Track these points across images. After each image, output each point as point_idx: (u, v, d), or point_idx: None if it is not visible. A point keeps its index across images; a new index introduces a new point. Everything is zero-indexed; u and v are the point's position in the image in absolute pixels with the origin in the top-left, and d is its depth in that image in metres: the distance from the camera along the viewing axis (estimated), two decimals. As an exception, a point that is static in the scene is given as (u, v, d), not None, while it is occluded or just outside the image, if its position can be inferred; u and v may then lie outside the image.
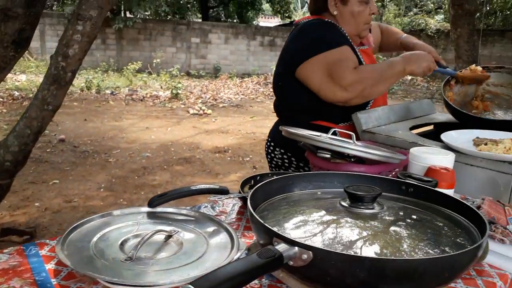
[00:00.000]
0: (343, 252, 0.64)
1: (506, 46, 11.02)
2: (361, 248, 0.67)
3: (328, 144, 1.13)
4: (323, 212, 0.81)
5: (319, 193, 0.95)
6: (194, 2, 17.53)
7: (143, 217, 0.96)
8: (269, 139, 1.73)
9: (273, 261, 0.60)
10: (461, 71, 1.62)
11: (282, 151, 1.66)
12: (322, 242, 0.69)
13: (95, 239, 0.83)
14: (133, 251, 0.78)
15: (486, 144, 1.21)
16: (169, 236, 0.87)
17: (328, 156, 1.16)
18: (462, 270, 0.67)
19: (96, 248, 0.81)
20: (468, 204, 0.82)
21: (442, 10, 14.06)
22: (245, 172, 4.29)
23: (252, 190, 0.85)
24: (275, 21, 21.98)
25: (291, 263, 0.65)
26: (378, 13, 1.68)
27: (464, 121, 1.50)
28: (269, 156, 1.74)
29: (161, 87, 9.50)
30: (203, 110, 7.32)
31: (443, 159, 1.10)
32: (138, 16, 12.18)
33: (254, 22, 18.38)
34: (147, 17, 13.58)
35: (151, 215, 0.97)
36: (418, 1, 14.95)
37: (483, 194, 1.15)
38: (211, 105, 8.27)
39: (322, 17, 1.59)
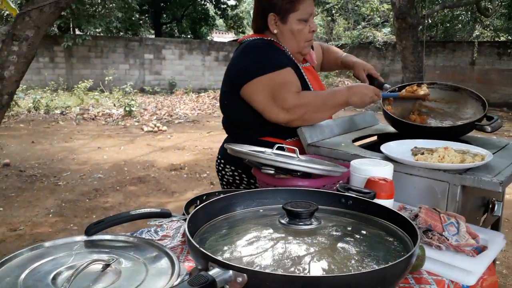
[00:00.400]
0: (277, 273, 0.63)
1: (448, 56, 11.70)
2: (296, 266, 0.67)
3: (270, 160, 1.13)
4: (262, 232, 0.81)
5: (261, 210, 0.94)
6: (147, 19, 17.38)
7: (79, 246, 0.92)
8: (219, 157, 1.71)
9: (205, 287, 0.59)
10: (402, 93, 1.69)
11: (233, 168, 1.65)
12: (258, 263, 0.69)
13: (23, 275, 0.78)
14: (66, 284, 0.74)
15: (422, 153, 1.26)
16: (106, 265, 0.84)
17: (272, 172, 1.17)
18: (395, 281, 0.68)
19: (25, 284, 0.76)
20: (402, 215, 0.85)
21: (388, 23, 14.74)
22: (203, 189, 4.24)
23: (191, 213, 0.84)
24: (229, 36, 22.16)
25: (227, 287, 0.64)
26: (316, 29, 1.72)
27: (403, 130, 1.56)
28: (220, 174, 1.73)
29: (114, 105, 9.27)
30: (158, 127, 7.20)
31: (382, 170, 1.13)
32: (88, 33, 11.86)
33: (208, 38, 18.45)
34: (98, 34, 13.27)
35: (88, 244, 0.93)
36: (366, 15, 15.60)
37: (423, 202, 1.19)
38: (166, 121, 8.15)
39: (265, 36, 1.61)
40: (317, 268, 0.67)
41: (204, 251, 0.66)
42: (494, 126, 1.41)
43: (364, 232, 0.83)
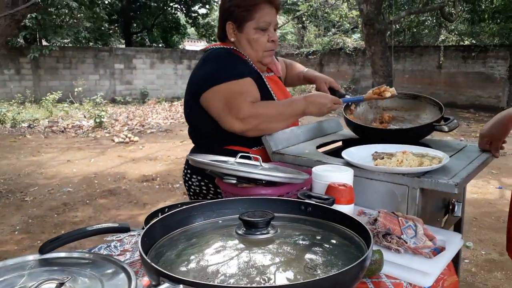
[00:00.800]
0: (225, 285, 0.63)
1: (416, 61, 12.03)
2: (248, 277, 0.67)
3: (231, 169, 1.13)
4: (219, 244, 0.80)
5: (220, 221, 0.94)
6: (117, 28, 17.17)
7: (32, 266, 0.88)
8: (186, 167, 1.70)
9: (154, 303, 0.57)
10: (367, 95, 1.70)
11: (199, 178, 1.64)
12: (211, 276, 0.68)
13: (-32, 299, 0.75)
14: (15, 307, 0.72)
15: (382, 158, 1.28)
16: (60, 284, 0.81)
17: (234, 181, 1.16)
18: (348, 287, 0.68)
19: (-29, 309, 0.72)
20: (358, 220, 0.86)
21: (358, 30, 15.05)
22: (175, 199, 4.18)
23: (146, 227, 0.82)
24: (201, 45, 22.12)
25: (179, 302, 0.63)
26: (277, 40, 1.71)
27: (364, 135, 1.59)
28: (186, 184, 1.71)
29: (85, 116, 9.08)
30: (129, 138, 7.08)
31: (342, 176, 1.15)
32: (55, 44, 11.59)
33: (180, 46, 18.38)
34: (66, 45, 13.00)
35: (42, 263, 0.89)
36: (336, 22, 15.89)
37: (384, 206, 1.21)
38: (138, 131, 8.04)
39: (227, 44, 1.61)
40: (268, 278, 0.66)
41: (155, 265, 0.65)
42: (451, 126, 1.45)
43: (320, 238, 0.84)
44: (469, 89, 10.62)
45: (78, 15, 11.88)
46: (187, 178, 1.69)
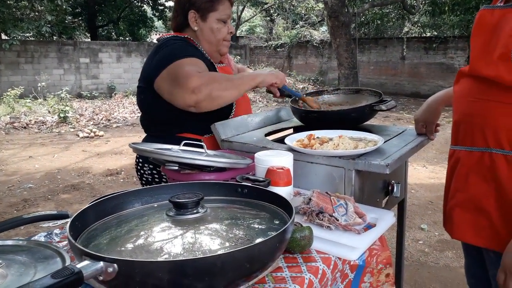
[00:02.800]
0: (144, 260, 0.66)
1: (380, 52, 12.30)
2: (171, 253, 0.70)
3: (173, 156, 1.16)
4: (149, 225, 0.83)
5: (155, 205, 0.97)
6: (81, 22, 16.71)
7: (-36, 254, 0.89)
8: (138, 156, 1.71)
9: (70, 279, 0.60)
10: (305, 95, 1.77)
11: (151, 166, 1.65)
12: (134, 253, 0.71)
13: None
14: None
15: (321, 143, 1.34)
16: (-8, 271, 0.82)
17: (176, 168, 1.19)
18: (264, 261, 0.73)
19: None
20: (285, 199, 0.90)
21: (325, 22, 15.21)
22: (140, 192, 4.16)
23: (78, 212, 0.84)
24: (170, 38, 21.78)
25: (101, 278, 0.65)
26: (234, 31, 1.79)
27: (308, 122, 1.65)
28: (139, 173, 1.73)
29: (49, 112, 8.83)
30: (94, 132, 6.96)
31: (281, 160, 1.19)
32: (16, 38, 11.16)
33: (147, 39, 18.07)
34: (27, 39, 12.56)
35: (-25, 251, 0.90)
36: (303, 15, 16.01)
37: (324, 187, 1.27)
38: (104, 126, 7.90)
39: (183, 34, 1.64)
40: (189, 252, 0.70)
41: (77, 244, 0.68)
42: (388, 105, 1.52)
43: (250, 216, 0.88)
44: (431, 79, 10.98)
45: (39, 8, 11.47)
46: (139, 167, 1.70)
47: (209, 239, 0.78)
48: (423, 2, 11.40)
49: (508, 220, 1.09)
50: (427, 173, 4.61)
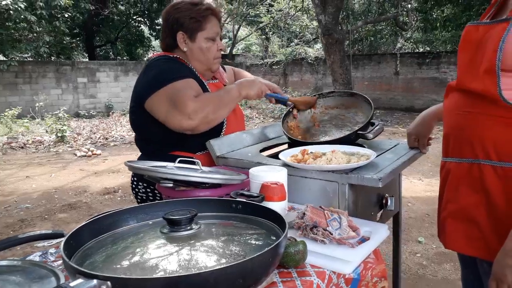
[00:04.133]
0: (137, 277, 0.67)
1: (374, 68, 12.43)
2: (166, 269, 0.71)
3: (168, 174, 1.17)
4: (144, 242, 0.84)
5: (150, 223, 0.97)
6: (79, 42, 16.87)
7: (-41, 275, 0.89)
8: (133, 174, 1.72)
9: (64, 297, 0.60)
10: (291, 97, 1.80)
11: (145, 184, 1.66)
12: (128, 270, 0.72)
13: None
14: None
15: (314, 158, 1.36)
16: (-13, 291, 0.82)
17: (170, 185, 1.20)
18: (258, 276, 0.73)
19: None
20: (279, 213, 0.91)
21: (319, 40, 15.42)
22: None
23: (72, 230, 0.85)
24: (167, 56, 21.99)
25: (95, 296, 0.66)
26: (225, 49, 1.84)
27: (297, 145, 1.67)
28: (134, 192, 1.73)
29: (47, 131, 8.85)
30: (92, 151, 6.96)
31: (276, 175, 1.21)
32: (14, 58, 11.24)
33: (145, 59, 18.23)
34: (25, 59, 12.65)
35: (-30, 272, 0.90)
36: (298, 33, 16.23)
37: (318, 202, 1.28)
38: (101, 144, 7.90)
39: (172, 54, 1.66)
40: (183, 269, 0.71)
41: (70, 263, 0.68)
42: (375, 132, 1.54)
43: (243, 231, 0.89)
44: (425, 94, 11.07)
45: (38, 29, 11.58)
46: (134, 186, 1.71)
47: (205, 256, 0.78)
48: (415, 19, 11.59)
49: (498, 230, 1.10)
50: (423, 186, 4.62)
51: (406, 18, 11.56)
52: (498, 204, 1.09)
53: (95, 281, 0.64)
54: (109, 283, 0.64)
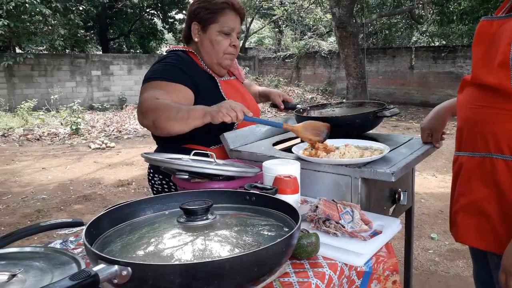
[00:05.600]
0: (156, 263, 0.69)
1: (389, 62, 12.30)
2: (183, 256, 0.73)
3: (184, 165, 1.19)
4: (161, 231, 0.87)
5: (167, 213, 1.00)
6: (93, 35, 17.03)
7: (-15, 260, 0.93)
8: (149, 166, 1.75)
9: (87, 281, 0.63)
10: (286, 122, 1.60)
11: (161, 176, 1.69)
12: (146, 258, 0.74)
13: None
14: (-34, 296, 0.76)
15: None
16: (12, 276, 0.86)
17: (186, 176, 1.22)
18: (272, 265, 0.75)
19: None
20: (292, 206, 0.93)
21: (333, 33, 15.30)
22: (150, 202, 4.20)
23: (93, 219, 0.88)
24: (180, 50, 22.05)
25: (115, 281, 0.69)
26: (239, 46, 1.77)
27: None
28: (150, 183, 1.77)
29: (61, 124, 8.99)
30: (106, 144, 7.06)
31: (288, 168, 1.22)
32: (30, 51, 11.41)
33: (158, 52, 18.33)
34: (41, 52, 12.83)
35: (-5, 257, 0.94)
36: (311, 26, 16.13)
37: (331, 195, 1.29)
38: (115, 137, 8.00)
39: (189, 47, 1.69)
40: (197, 258, 0.73)
41: (92, 249, 0.71)
42: (392, 112, 1.56)
43: (257, 223, 0.91)
44: (440, 89, 10.93)
45: (53, 22, 11.72)
46: (150, 177, 1.74)
47: (219, 245, 0.81)
48: (431, 12, 11.42)
49: (508, 224, 1.11)
50: (436, 182, 4.59)
51: (422, 11, 11.39)
52: (509, 198, 1.10)
53: (116, 267, 0.67)
54: (129, 268, 0.67)
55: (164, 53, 1.77)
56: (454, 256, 2.94)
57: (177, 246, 0.79)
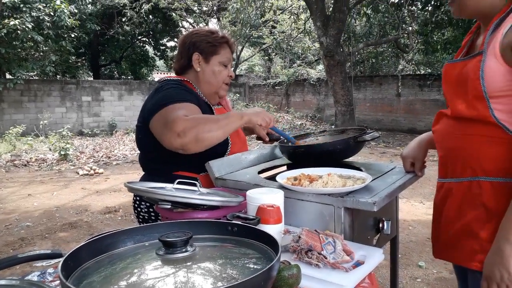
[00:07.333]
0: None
1: (376, 89, 12.54)
2: (159, 291, 0.73)
3: (165, 195, 1.19)
4: (139, 264, 0.86)
5: (147, 244, 0.99)
6: (84, 61, 17.13)
7: (-42, 294, 0.90)
8: (135, 194, 1.74)
9: (60, 317, 0.62)
10: (298, 140, 1.84)
11: (148, 204, 1.69)
12: (123, 291, 0.73)
13: None
14: None
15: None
16: (-14, 310, 0.84)
17: (168, 206, 1.22)
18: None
19: None
20: (274, 237, 0.93)
21: (321, 61, 15.63)
22: (137, 230, 4.14)
23: (71, 251, 0.87)
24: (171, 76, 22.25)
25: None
26: (234, 76, 1.89)
27: (297, 159, 1.70)
28: (136, 211, 1.75)
29: (50, 149, 8.91)
30: (94, 170, 7.00)
31: (272, 198, 1.22)
32: (20, 77, 11.41)
33: (149, 78, 18.47)
34: (31, 78, 12.84)
35: (-32, 291, 0.92)
36: (300, 54, 16.45)
37: (315, 225, 1.30)
38: (104, 163, 7.94)
39: (183, 77, 1.74)
40: (176, 290, 0.72)
41: (67, 283, 0.70)
42: (372, 135, 1.61)
43: (238, 254, 0.91)
44: (427, 115, 11.12)
45: (44, 48, 11.79)
46: (136, 205, 1.74)
47: (202, 278, 0.80)
48: (416, 41, 11.74)
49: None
50: (424, 209, 4.61)
51: (407, 41, 11.72)
52: (495, 216, 1.15)
53: (90, 303, 0.66)
54: (104, 304, 0.66)
55: (157, 80, 1.80)
56: (442, 285, 2.93)
57: (157, 279, 0.78)
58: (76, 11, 12.96)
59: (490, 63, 1.12)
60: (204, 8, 15.39)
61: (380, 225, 1.50)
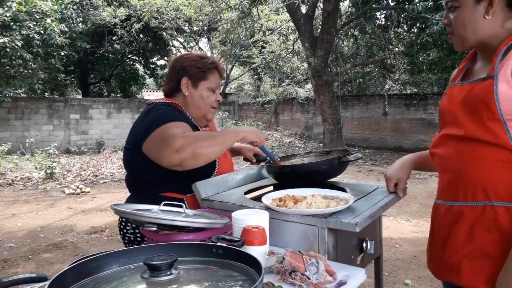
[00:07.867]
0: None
1: (363, 108, 12.74)
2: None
3: (150, 218, 1.20)
4: (124, 287, 0.87)
5: (132, 267, 1.00)
6: (73, 79, 17.11)
7: None
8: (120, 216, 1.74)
9: None
10: (279, 159, 1.91)
11: (133, 226, 1.69)
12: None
13: None
14: None
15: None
16: (-32, 335, 0.84)
17: (154, 229, 1.23)
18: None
19: None
20: (257, 259, 0.95)
21: (309, 81, 15.84)
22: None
23: (57, 274, 0.87)
24: (160, 95, 22.31)
25: None
26: (221, 100, 1.97)
27: (283, 180, 1.73)
28: (121, 232, 1.75)
29: (36, 168, 8.81)
30: (81, 189, 6.92)
31: (257, 219, 1.25)
32: (7, 94, 11.33)
33: (138, 96, 18.48)
34: (19, 95, 12.75)
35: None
36: (289, 73, 16.68)
37: (300, 246, 1.32)
38: (91, 182, 7.87)
39: (172, 99, 1.77)
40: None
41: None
42: (355, 156, 1.65)
43: (221, 277, 0.92)
44: (413, 134, 11.29)
45: (33, 66, 11.76)
46: (121, 226, 1.73)
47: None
48: (402, 62, 12.01)
49: None
50: (410, 227, 4.64)
51: (394, 61, 11.98)
52: (510, 240, 1.15)
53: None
54: (87, 328, 0.67)
55: (146, 103, 1.83)
56: (428, 304, 2.94)
57: (139, 302, 0.79)
58: (66, 29, 12.99)
59: (502, 87, 1.13)
60: (195, 28, 15.57)
61: (364, 245, 1.53)
